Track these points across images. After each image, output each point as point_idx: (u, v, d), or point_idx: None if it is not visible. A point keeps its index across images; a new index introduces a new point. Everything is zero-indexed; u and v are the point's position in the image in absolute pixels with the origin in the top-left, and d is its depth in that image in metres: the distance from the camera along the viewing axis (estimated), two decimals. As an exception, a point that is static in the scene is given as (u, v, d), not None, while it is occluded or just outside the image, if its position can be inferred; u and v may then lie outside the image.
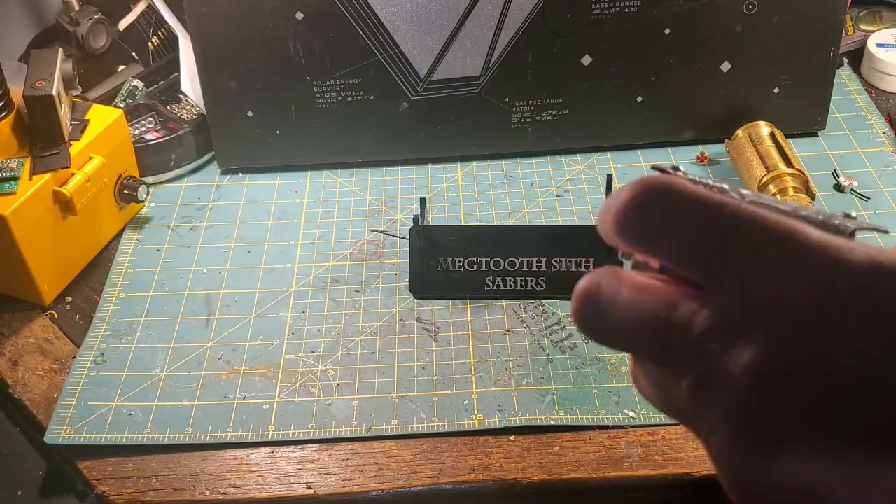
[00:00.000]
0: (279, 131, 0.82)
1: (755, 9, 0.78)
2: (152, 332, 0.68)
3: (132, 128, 0.81)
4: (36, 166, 0.67)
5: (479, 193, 0.81)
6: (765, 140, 0.77)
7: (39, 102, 0.66)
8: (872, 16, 0.97)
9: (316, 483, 0.58)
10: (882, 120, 0.86)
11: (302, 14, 0.76)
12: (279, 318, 0.69)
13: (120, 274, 0.74)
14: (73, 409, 0.63)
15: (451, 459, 0.59)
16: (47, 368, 0.67)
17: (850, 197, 0.78)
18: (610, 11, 0.78)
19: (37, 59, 0.69)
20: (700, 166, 0.82)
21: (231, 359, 0.66)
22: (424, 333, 0.68)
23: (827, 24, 0.79)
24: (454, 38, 0.78)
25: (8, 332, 0.70)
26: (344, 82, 0.80)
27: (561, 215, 0.78)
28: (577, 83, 0.81)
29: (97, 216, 0.74)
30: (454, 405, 0.62)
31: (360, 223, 0.78)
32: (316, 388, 0.64)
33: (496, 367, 0.65)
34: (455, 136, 0.83)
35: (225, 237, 0.77)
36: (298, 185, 0.82)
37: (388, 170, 0.84)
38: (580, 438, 0.60)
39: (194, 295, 0.72)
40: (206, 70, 0.79)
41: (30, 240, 0.66)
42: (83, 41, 0.83)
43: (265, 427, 0.61)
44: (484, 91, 0.81)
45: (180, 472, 0.59)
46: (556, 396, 0.62)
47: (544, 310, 0.69)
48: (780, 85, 0.82)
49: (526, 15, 0.77)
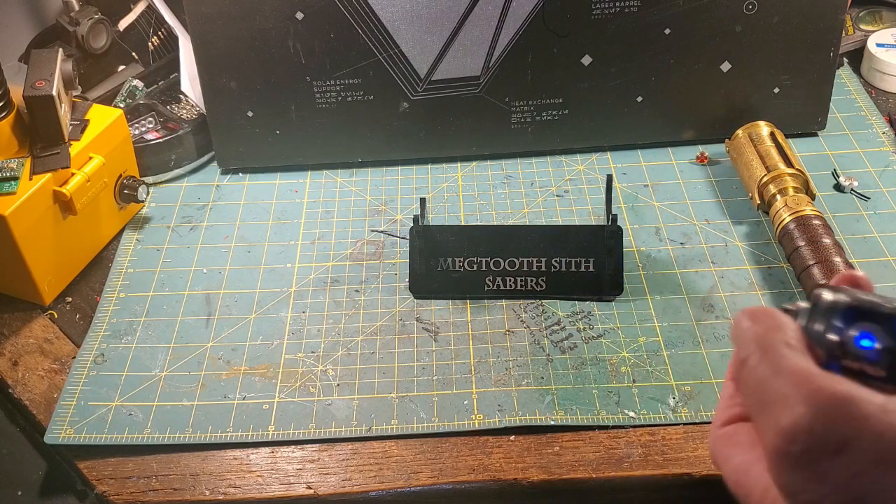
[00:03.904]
0: (279, 131, 0.82)
1: (755, 9, 0.78)
2: (152, 332, 0.68)
3: (132, 128, 0.81)
4: (36, 166, 0.67)
5: (479, 193, 0.81)
6: (765, 140, 0.77)
7: (39, 102, 0.66)
8: (872, 16, 0.97)
9: (316, 483, 0.58)
10: (882, 120, 0.86)
11: (302, 14, 0.76)
12: (279, 318, 0.69)
13: (120, 274, 0.74)
14: (73, 409, 0.63)
15: (451, 459, 0.59)
16: (47, 368, 0.67)
17: (850, 197, 0.78)
18: (610, 11, 0.78)
19: (37, 59, 0.68)
20: (700, 166, 0.82)
21: (231, 359, 0.66)
22: (424, 333, 0.67)
23: (827, 24, 0.79)
24: (454, 38, 0.78)
25: (8, 332, 0.70)
26: (344, 82, 0.80)
27: (561, 215, 0.78)
28: (577, 83, 0.81)
29: (97, 216, 0.74)
30: (454, 405, 0.62)
31: (360, 223, 0.78)
32: (316, 388, 0.64)
33: (496, 367, 0.65)
34: (455, 136, 0.83)
35: (225, 237, 0.77)
36: (298, 185, 0.82)
37: (388, 170, 0.84)
38: (580, 438, 0.60)
39: (194, 295, 0.72)
40: (206, 70, 0.79)
41: (30, 240, 0.66)
42: (83, 41, 0.83)
43: (265, 427, 0.61)
44: (484, 91, 0.81)
45: (180, 472, 0.59)
46: (556, 396, 0.62)
47: (544, 310, 0.69)
48: (780, 85, 0.82)
49: (526, 15, 0.77)
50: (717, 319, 0.67)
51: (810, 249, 0.67)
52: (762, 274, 0.71)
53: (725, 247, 0.74)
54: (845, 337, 0.27)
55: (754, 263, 0.72)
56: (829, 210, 0.76)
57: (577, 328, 0.67)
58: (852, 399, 0.24)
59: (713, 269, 0.72)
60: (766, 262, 0.72)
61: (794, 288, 0.69)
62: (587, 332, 0.67)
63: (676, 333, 0.66)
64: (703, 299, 0.69)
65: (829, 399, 0.24)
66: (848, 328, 0.27)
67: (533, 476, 0.58)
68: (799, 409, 0.25)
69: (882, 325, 0.27)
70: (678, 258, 0.73)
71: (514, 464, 0.59)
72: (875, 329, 0.27)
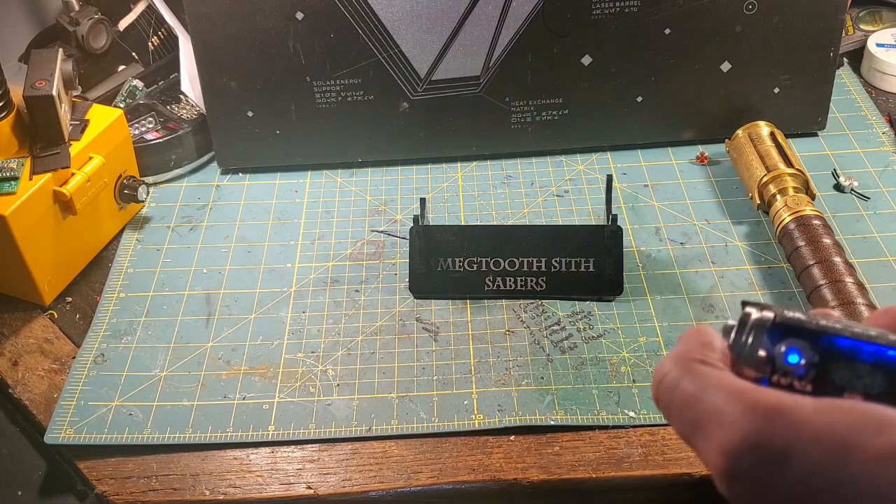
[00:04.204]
0: (279, 131, 0.82)
1: (755, 9, 0.78)
2: (152, 332, 0.68)
3: (132, 128, 0.81)
4: (36, 166, 0.67)
5: (479, 193, 0.81)
6: (765, 140, 0.77)
7: (39, 102, 0.66)
8: (872, 16, 0.97)
9: (316, 483, 0.58)
10: (882, 120, 0.86)
11: (302, 14, 0.76)
12: (279, 318, 0.69)
13: (120, 274, 0.74)
14: (73, 409, 0.63)
15: (451, 459, 0.59)
16: (47, 368, 0.67)
17: (850, 197, 0.78)
18: (610, 11, 0.78)
19: (37, 59, 0.68)
20: (700, 166, 0.82)
21: (231, 359, 0.66)
22: (424, 333, 0.67)
23: (827, 24, 0.79)
24: (454, 38, 0.78)
25: (8, 332, 0.70)
26: (344, 82, 0.80)
27: (561, 215, 0.78)
28: (577, 83, 0.81)
29: (97, 216, 0.74)
30: (454, 405, 0.62)
31: (360, 223, 0.78)
32: (316, 388, 0.64)
33: (496, 367, 0.65)
34: (455, 136, 0.83)
35: (225, 237, 0.77)
36: (298, 185, 0.82)
37: (388, 170, 0.84)
38: (580, 438, 0.60)
39: (194, 295, 0.72)
40: (206, 70, 0.79)
41: (30, 240, 0.66)
42: (83, 41, 0.83)
43: (265, 427, 0.61)
44: (484, 91, 0.81)
45: (180, 472, 0.59)
46: (556, 396, 0.62)
47: (544, 310, 0.69)
48: (780, 85, 0.82)
49: (526, 15, 0.77)
50: (717, 319, 0.67)
51: (810, 249, 0.67)
52: (762, 274, 0.71)
53: (725, 247, 0.74)
54: (775, 353, 0.28)
55: (754, 263, 0.72)
56: (829, 210, 0.76)
57: (577, 328, 0.67)
58: (785, 407, 0.25)
59: (713, 269, 0.72)
60: (766, 262, 0.72)
61: (794, 288, 0.69)
62: (587, 332, 0.67)
63: (676, 333, 0.66)
64: (703, 299, 0.69)
65: (766, 411, 0.25)
66: (776, 344, 0.28)
67: (533, 476, 0.58)
68: (738, 426, 0.25)
69: (808, 340, 0.27)
70: (678, 258, 0.73)
71: (514, 464, 0.59)
72: (801, 345, 0.27)
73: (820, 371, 0.27)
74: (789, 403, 0.25)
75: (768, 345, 0.28)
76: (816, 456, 0.23)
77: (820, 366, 0.27)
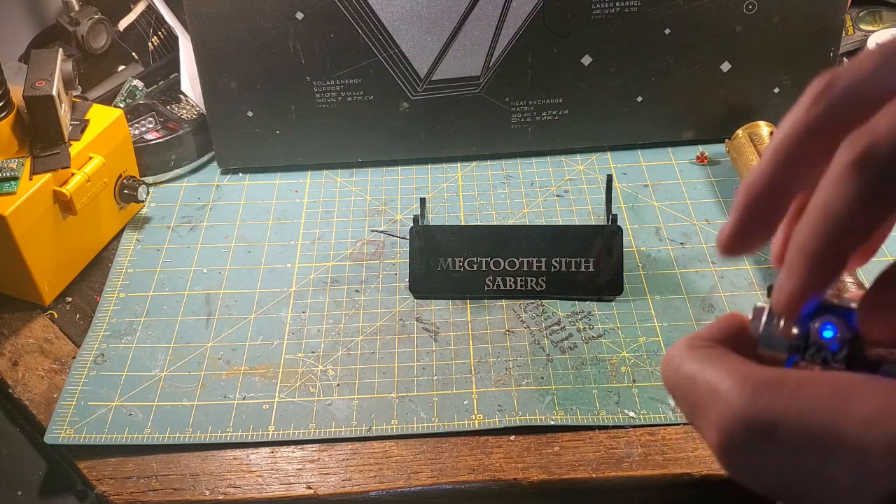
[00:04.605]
0: (279, 131, 0.82)
1: (755, 9, 0.78)
2: (152, 332, 0.68)
3: (132, 128, 0.81)
4: (36, 166, 0.67)
5: (479, 193, 0.81)
6: (765, 140, 0.77)
7: (39, 102, 0.66)
8: (872, 16, 0.97)
9: (316, 483, 0.58)
10: (882, 120, 0.86)
11: (302, 14, 0.76)
12: (279, 318, 0.69)
13: (120, 274, 0.74)
14: (73, 409, 0.63)
15: (451, 459, 0.59)
16: (47, 368, 0.67)
17: (850, 197, 0.78)
18: (610, 11, 0.78)
19: (37, 59, 0.68)
20: (700, 166, 0.82)
21: (231, 359, 0.66)
22: (424, 333, 0.67)
23: (827, 24, 0.79)
24: (454, 38, 0.78)
25: (8, 332, 0.70)
26: (344, 82, 0.80)
27: (561, 215, 0.78)
28: (577, 83, 0.81)
29: (97, 216, 0.74)
30: (454, 405, 0.62)
31: (360, 223, 0.78)
32: (316, 388, 0.64)
33: (496, 367, 0.65)
34: (455, 136, 0.83)
35: (225, 237, 0.77)
36: (298, 185, 0.82)
37: (388, 170, 0.84)
38: (580, 438, 0.60)
39: (194, 295, 0.72)
40: (206, 70, 0.79)
41: (30, 240, 0.66)
42: (83, 41, 0.83)
43: (265, 427, 0.61)
44: (484, 91, 0.81)
45: (180, 472, 0.59)
46: (556, 396, 0.62)
47: (544, 310, 0.69)
48: (780, 85, 0.82)
49: (526, 15, 0.77)
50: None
51: (810, 249, 0.66)
52: (762, 274, 0.71)
53: (725, 247, 0.74)
54: (810, 328, 0.28)
55: (754, 263, 0.72)
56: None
57: (577, 328, 0.67)
58: (773, 381, 0.25)
59: (713, 269, 0.72)
60: (766, 262, 0.72)
61: (794, 288, 0.69)
62: (587, 332, 0.67)
63: (676, 333, 0.66)
64: (703, 299, 0.69)
65: (755, 386, 0.25)
66: (810, 321, 0.28)
67: (533, 476, 0.58)
68: (731, 402, 0.25)
69: (842, 318, 0.28)
70: (678, 258, 0.73)
71: (514, 464, 0.59)
72: (836, 321, 0.28)
73: (854, 347, 0.27)
74: (777, 377, 0.25)
75: (804, 320, 0.28)
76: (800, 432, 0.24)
77: (853, 342, 0.27)
